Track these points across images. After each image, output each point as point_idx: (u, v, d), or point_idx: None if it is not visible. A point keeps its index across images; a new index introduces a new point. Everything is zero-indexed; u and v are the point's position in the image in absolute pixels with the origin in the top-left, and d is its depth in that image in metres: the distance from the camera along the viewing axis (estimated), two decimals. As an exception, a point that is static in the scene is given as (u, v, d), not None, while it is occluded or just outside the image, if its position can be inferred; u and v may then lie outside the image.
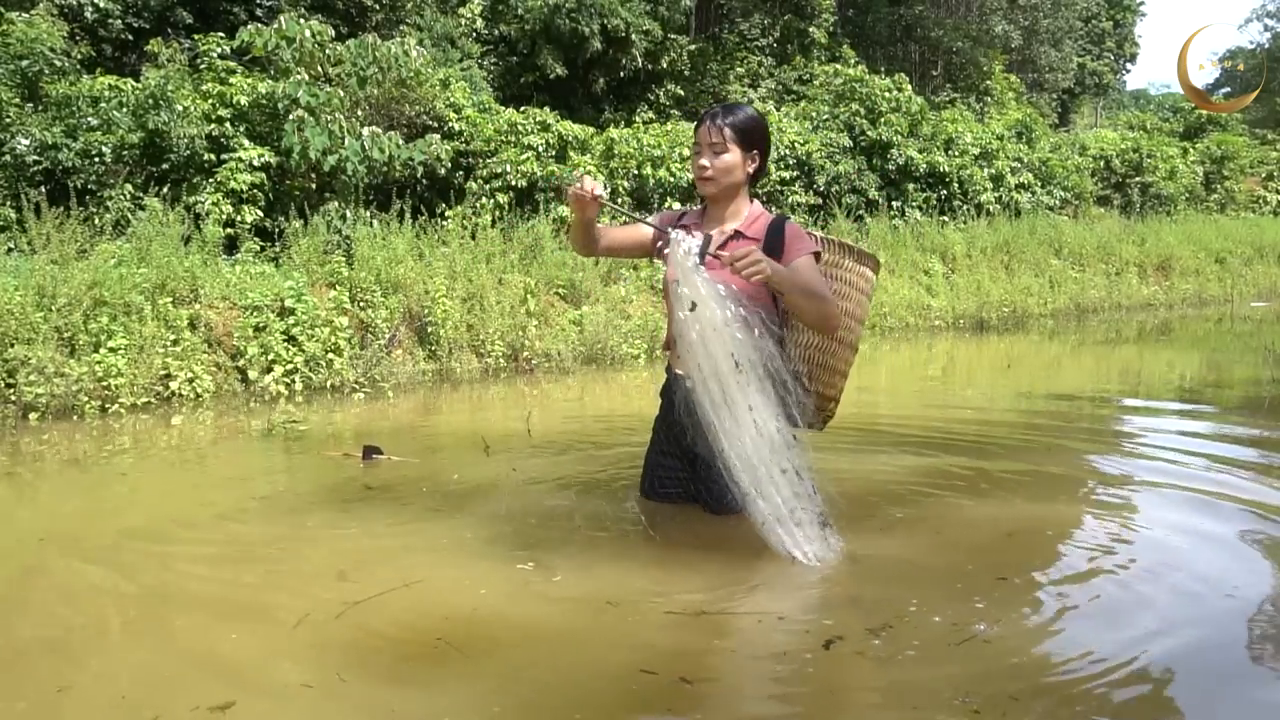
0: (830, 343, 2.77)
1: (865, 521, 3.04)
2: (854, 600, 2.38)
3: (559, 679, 1.99)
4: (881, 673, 1.95)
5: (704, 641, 2.16)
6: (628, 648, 2.10)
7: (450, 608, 2.33)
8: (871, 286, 2.88)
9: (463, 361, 7.04)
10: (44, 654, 2.15)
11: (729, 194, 2.71)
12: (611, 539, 2.84)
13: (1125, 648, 2.07)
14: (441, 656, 2.06)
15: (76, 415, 5.28)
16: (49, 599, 2.53)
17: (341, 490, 3.56)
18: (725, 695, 1.95)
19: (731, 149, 2.65)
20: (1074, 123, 31.43)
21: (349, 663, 2.03)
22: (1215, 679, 2.02)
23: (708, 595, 2.37)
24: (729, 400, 2.35)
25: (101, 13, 11.09)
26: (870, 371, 7.88)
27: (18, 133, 7.73)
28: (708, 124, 2.67)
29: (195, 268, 6.30)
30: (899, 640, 2.10)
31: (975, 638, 2.11)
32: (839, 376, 2.85)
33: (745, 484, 2.41)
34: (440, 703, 1.89)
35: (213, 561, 2.79)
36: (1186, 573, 2.60)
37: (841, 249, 2.81)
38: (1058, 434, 4.59)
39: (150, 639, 2.23)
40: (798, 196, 11.60)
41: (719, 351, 2.34)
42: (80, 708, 1.90)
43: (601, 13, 14.51)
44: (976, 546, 2.81)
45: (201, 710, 1.80)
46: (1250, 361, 7.57)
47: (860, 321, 2.87)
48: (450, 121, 10.14)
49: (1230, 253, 14.66)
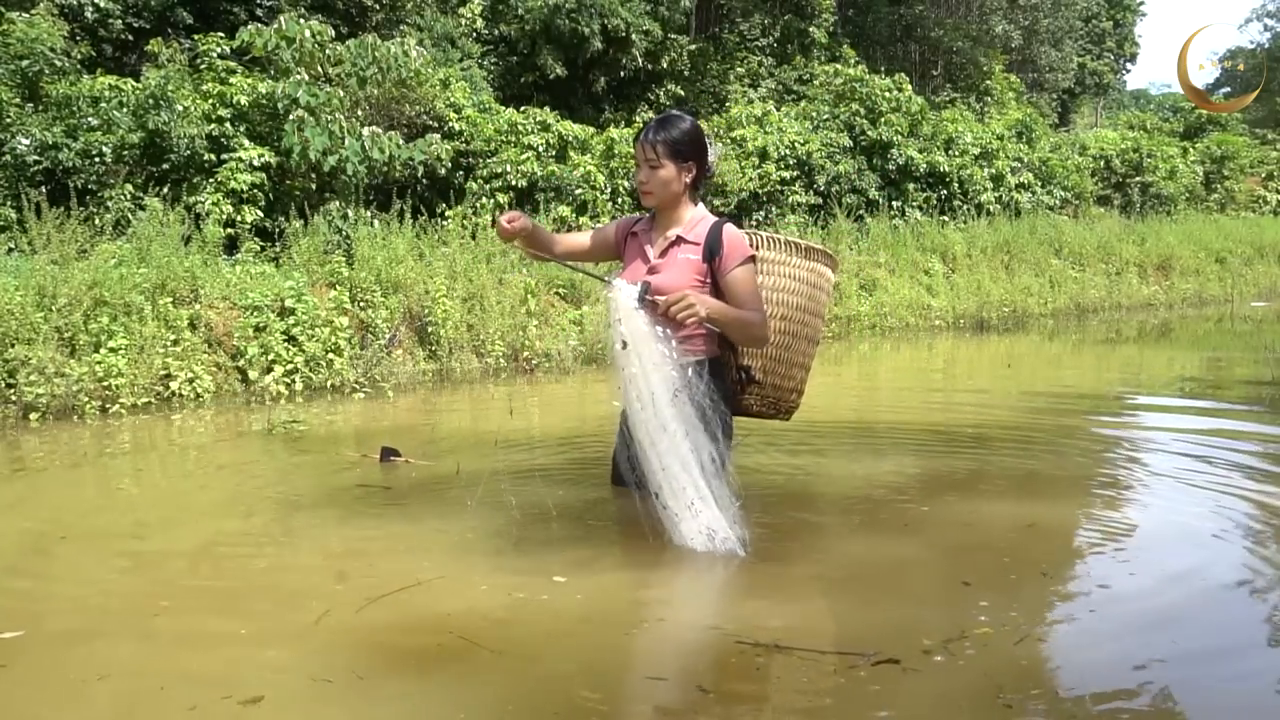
0: (784, 338, 2.92)
1: (867, 521, 3.04)
2: (861, 603, 2.38)
3: (571, 679, 2.00)
4: (899, 678, 1.93)
5: (715, 648, 2.15)
6: (637, 651, 2.10)
7: (463, 605, 2.35)
8: (829, 283, 3.04)
9: (463, 361, 7.04)
10: (79, 644, 2.20)
11: (670, 203, 2.84)
12: (618, 539, 2.85)
13: (1141, 647, 2.07)
14: (458, 654, 2.08)
15: (77, 415, 5.28)
16: (78, 593, 2.58)
17: (354, 490, 3.57)
18: (735, 705, 1.94)
19: (665, 164, 2.77)
20: (1074, 123, 31.43)
21: (370, 658, 2.07)
22: (1232, 673, 2.01)
23: (715, 601, 2.37)
24: (666, 424, 2.52)
25: (102, 13, 11.08)
26: (871, 371, 7.88)
27: (18, 133, 7.73)
28: (643, 140, 2.81)
29: (195, 268, 6.30)
30: (908, 642, 2.10)
31: (992, 639, 2.11)
32: (798, 369, 2.99)
33: (674, 507, 2.55)
34: (461, 697, 1.92)
35: (232, 559, 2.82)
36: (1193, 570, 2.59)
37: (793, 248, 2.93)
38: (1058, 433, 4.59)
39: (177, 633, 2.27)
40: (798, 196, 11.60)
41: (659, 384, 2.53)
42: (122, 696, 1.95)
43: (601, 13, 14.51)
44: (979, 547, 2.81)
45: (233, 702, 1.84)
46: (1251, 361, 7.57)
47: (818, 316, 3.01)
48: (450, 121, 10.14)
49: (1230, 252, 14.66)
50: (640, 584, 2.54)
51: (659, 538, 2.60)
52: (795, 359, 2.97)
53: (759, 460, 3.81)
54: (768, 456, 3.89)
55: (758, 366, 2.90)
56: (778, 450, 4.00)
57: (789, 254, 2.92)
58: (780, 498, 3.32)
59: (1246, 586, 2.48)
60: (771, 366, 2.93)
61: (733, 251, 2.74)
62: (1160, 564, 2.67)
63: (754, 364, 2.90)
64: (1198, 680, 1.98)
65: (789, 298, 2.91)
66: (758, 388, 2.92)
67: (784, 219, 11.28)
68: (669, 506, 2.56)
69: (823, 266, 2.99)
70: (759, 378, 2.90)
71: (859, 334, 9.64)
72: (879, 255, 10.84)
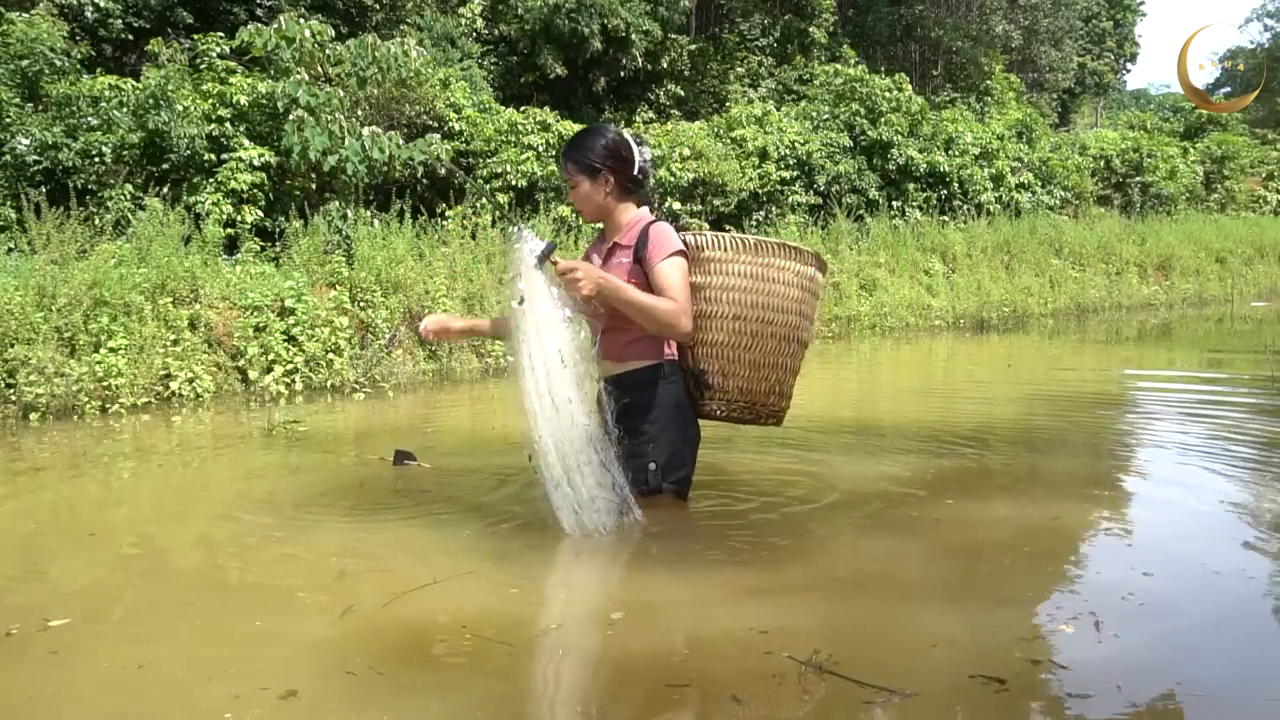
0: (741, 338, 2.82)
1: (868, 523, 3.04)
2: (864, 607, 2.38)
3: (593, 679, 2.03)
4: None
5: (731, 651, 2.15)
6: (656, 654, 2.10)
7: (482, 604, 2.36)
8: (817, 285, 2.94)
9: (463, 361, 7.04)
10: (115, 635, 2.26)
11: (602, 214, 2.87)
12: (624, 540, 2.84)
13: (1147, 645, 2.07)
14: (479, 651, 2.10)
15: (77, 415, 5.28)
16: (103, 586, 2.63)
17: (362, 490, 3.58)
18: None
19: (579, 180, 2.80)
20: (1074, 122, 31.43)
21: (394, 654, 2.10)
22: (1241, 670, 2.01)
23: (741, 603, 2.38)
24: (552, 390, 2.54)
25: (102, 13, 11.09)
26: (871, 371, 7.88)
27: (18, 133, 7.73)
28: (560, 165, 2.87)
29: (195, 268, 6.30)
30: (915, 644, 2.10)
31: (992, 639, 2.11)
32: (770, 370, 2.87)
33: (557, 471, 2.57)
34: (485, 693, 1.94)
35: (248, 557, 2.84)
36: (1198, 569, 2.59)
37: (747, 246, 2.85)
38: (1059, 433, 4.59)
39: (207, 627, 2.31)
40: (798, 196, 11.60)
41: (550, 346, 2.55)
42: (167, 685, 1.99)
43: (601, 13, 14.50)
44: (981, 547, 2.81)
45: (271, 693, 1.88)
46: (1252, 361, 7.56)
47: (790, 313, 2.87)
48: (450, 121, 10.14)
49: (1230, 252, 14.66)
50: (659, 585, 2.52)
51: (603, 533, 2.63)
52: (762, 359, 2.84)
53: (758, 461, 3.80)
54: (768, 456, 3.89)
55: (714, 369, 2.81)
56: (778, 450, 3.99)
57: (742, 252, 2.82)
58: (784, 498, 3.32)
59: (1256, 584, 2.48)
60: (731, 369, 2.82)
61: (656, 246, 2.73)
62: (1179, 565, 2.64)
63: (709, 367, 2.81)
64: (1225, 671, 1.99)
65: (743, 296, 2.79)
66: (718, 392, 2.82)
67: (784, 219, 11.28)
68: (540, 474, 2.58)
69: (809, 269, 2.88)
70: (713, 382, 2.81)
71: (859, 334, 9.64)
72: (879, 255, 10.84)
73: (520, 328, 2.59)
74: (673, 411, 2.81)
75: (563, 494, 2.60)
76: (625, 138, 2.82)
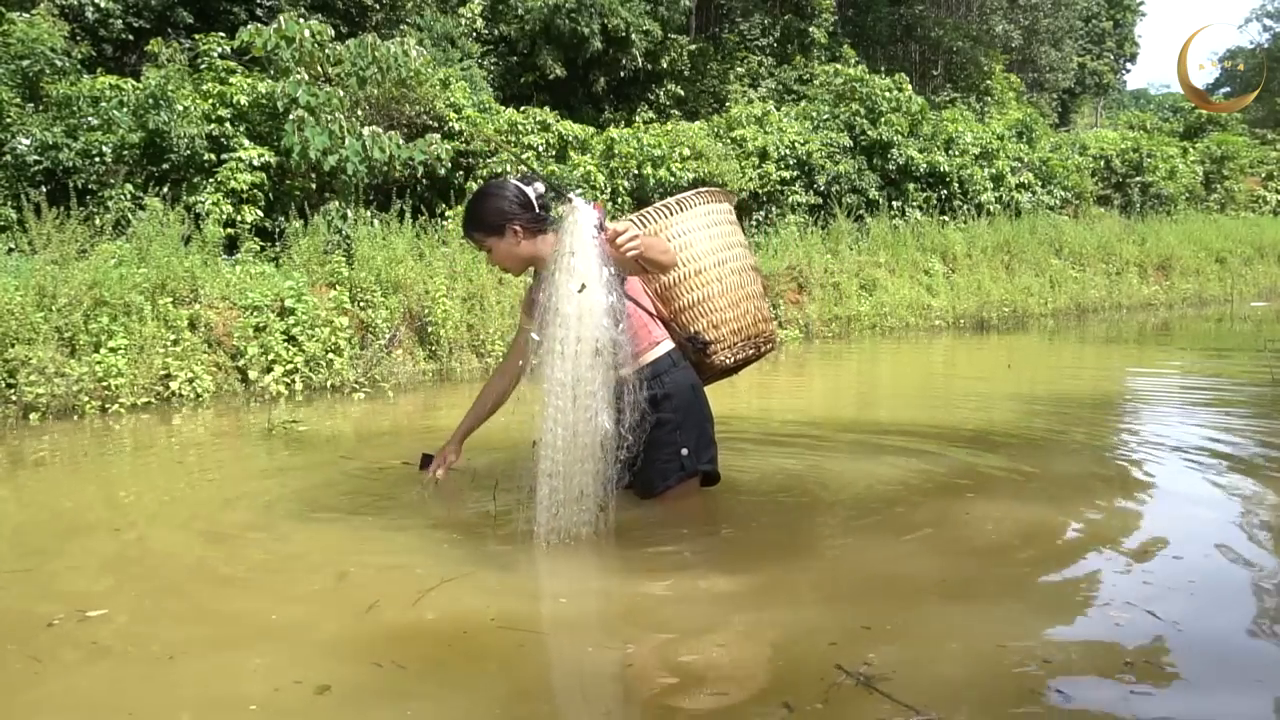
0: (707, 288, 3.00)
1: (869, 522, 3.03)
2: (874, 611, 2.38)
3: (604, 679, 2.04)
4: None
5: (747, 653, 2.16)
6: (677, 652, 2.10)
7: (507, 599, 2.38)
8: (733, 214, 3.20)
9: (463, 361, 7.04)
10: (147, 627, 2.30)
11: (526, 263, 2.87)
12: (633, 540, 2.85)
13: (1151, 645, 2.07)
14: (508, 645, 2.13)
15: (77, 415, 5.28)
16: (139, 582, 2.65)
17: (370, 488, 3.56)
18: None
19: (488, 243, 2.82)
20: (1074, 122, 31.42)
21: (424, 648, 2.12)
22: (1248, 670, 2.02)
23: (728, 601, 2.38)
24: (578, 381, 2.42)
25: (102, 13, 11.09)
26: (871, 371, 7.88)
27: (18, 133, 7.73)
28: (468, 239, 2.92)
29: (195, 268, 6.30)
30: (919, 644, 2.10)
31: (994, 640, 2.11)
32: (743, 300, 3.08)
33: (557, 461, 2.48)
34: (516, 684, 1.98)
35: (271, 554, 2.85)
36: (1202, 566, 2.60)
37: (697, 199, 3.08)
38: (1059, 433, 4.58)
39: (235, 624, 2.32)
40: (798, 196, 11.60)
41: (588, 334, 2.40)
42: (204, 676, 2.02)
43: (601, 13, 14.51)
44: (983, 547, 2.81)
45: (305, 687, 1.91)
46: (1252, 360, 7.56)
47: (743, 245, 3.17)
48: (450, 121, 10.14)
49: (1230, 252, 14.66)
50: (672, 586, 2.52)
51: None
52: (737, 296, 3.04)
53: (760, 461, 3.80)
54: (769, 457, 3.89)
55: (704, 325, 2.98)
56: (778, 450, 3.99)
57: (673, 214, 3.02)
58: (787, 499, 3.32)
59: (1259, 585, 2.48)
60: (718, 318, 3.01)
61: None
62: (1177, 568, 2.64)
63: (698, 326, 2.98)
64: (1232, 673, 1.98)
65: (695, 251, 3.01)
66: (716, 344, 2.99)
67: (784, 219, 11.28)
68: (536, 462, 2.52)
69: (708, 205, 3.09)
70: (710, 336, 2.98)
71: (859, 334, 9.64)
72: (879, 255, 10.84)
73: (560, 310, 2.40)
74: (690, 394, 2.87)
75: (551, 488, 2.52)
76: (510, 184, 2.82)
